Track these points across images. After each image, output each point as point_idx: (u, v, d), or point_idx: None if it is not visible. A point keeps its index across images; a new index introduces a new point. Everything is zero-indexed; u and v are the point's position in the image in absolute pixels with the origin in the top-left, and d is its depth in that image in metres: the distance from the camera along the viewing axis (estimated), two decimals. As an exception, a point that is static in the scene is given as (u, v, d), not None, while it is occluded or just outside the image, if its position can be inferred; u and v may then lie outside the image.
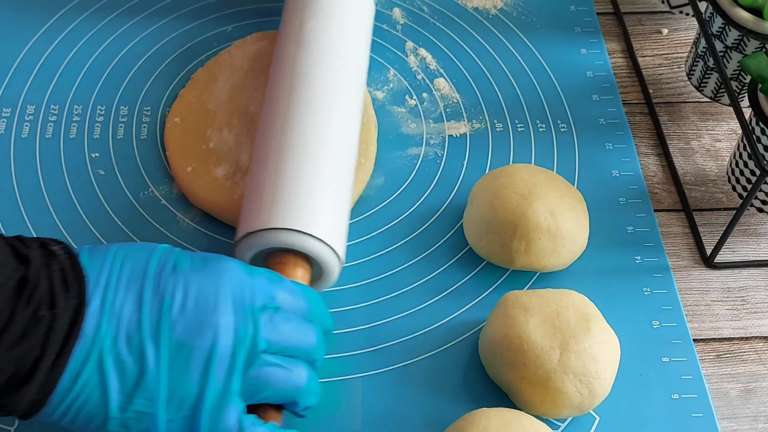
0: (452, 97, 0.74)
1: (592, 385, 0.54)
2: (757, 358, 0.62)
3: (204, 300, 0.48)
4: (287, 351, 0.50)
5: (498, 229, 0.61)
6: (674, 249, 0.66)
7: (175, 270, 0.48)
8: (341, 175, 0.60)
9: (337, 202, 0.58)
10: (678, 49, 0.79)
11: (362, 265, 0.64)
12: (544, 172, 0.63)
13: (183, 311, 0.47)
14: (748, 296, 0.64)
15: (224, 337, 0.47)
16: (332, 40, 0.65)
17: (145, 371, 0.46)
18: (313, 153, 0.59)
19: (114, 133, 0.70)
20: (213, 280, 0.49)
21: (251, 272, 0.50)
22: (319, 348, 0.52)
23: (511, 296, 0.58)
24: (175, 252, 0.50)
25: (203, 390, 0.47)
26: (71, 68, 0.73)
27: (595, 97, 0.74)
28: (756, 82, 0.63)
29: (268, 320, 0.49)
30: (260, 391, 0.49)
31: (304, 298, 0.52)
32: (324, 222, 0.56)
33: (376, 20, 0.78)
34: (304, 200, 0.57)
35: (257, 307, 0.49)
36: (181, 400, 0.47)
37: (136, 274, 0.48)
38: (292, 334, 0.50)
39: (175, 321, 0.47)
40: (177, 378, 0.46)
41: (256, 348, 0.48)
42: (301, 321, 0.51)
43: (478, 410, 0.53)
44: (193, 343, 0.47)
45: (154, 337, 0.47)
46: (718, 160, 0.72)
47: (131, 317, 0.47)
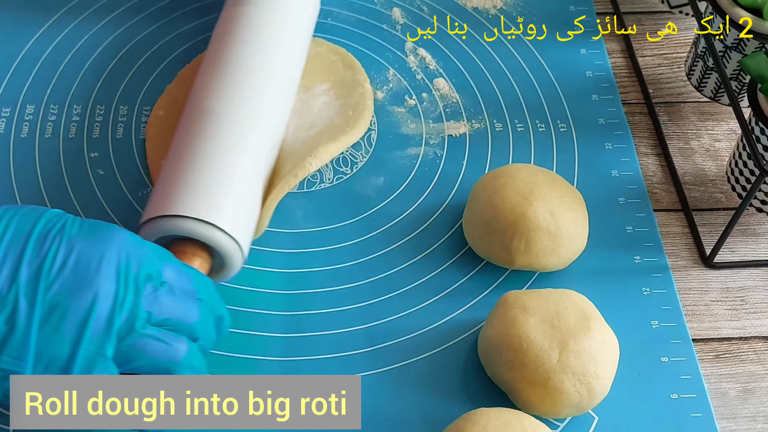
0: (452, 97, 0.74)
1: (592, 384, 0.54)
2: (756, 358, 0.62)
3: (86, 263, 0.47)
4: (169, 324, 0.50)
5: (498, 228, 0.61)
6: (673, 249, 0.66)
7: (60, 232, 0.48)
8: (252, 170, 0.59)
9: (244, 196, 0.58)
10: (678, 49, 0.79)
11: (362, 264, 0.64)
12: (543, 172, 0.63)
13: (62, 272, 0.47)
14: (748, 296, 0.64)
15: (103, 302, 0.47)
16: (261, 39, 0.65)
17: (15, 328, 0.46)
18: (225, 146, 0.59)
19: (113, 133, 0.70)
20: (99, 245, 0.48)
21: (141, 244, 0.50)
22: (203, 325, 0.51)
23: (511, 296, 0.58)
24: (65, 216, 0.50)
25: (74, 352, 0.47)
26: (71, 68, 0.73)
27: (595, 97, 0.74)
28: (755, 82, 0.63)
29: (151, 291, 0.49)
30: (134, 359, 0.49)
31: (192, 280, 0.52)
32: (226, 213, 0.56)
33: (375, 20, 0.78)
34: (207, 190, 0.56)
35: (141, 277, 0.49)
36: (51, 360, 0.46)
37: (21, 234, 0.48)
38: (174, 308, 0.50)
39: (52, 281, 0.47)
40: (48, 338, 0.46)
41: (134, 316, 0.48)
42: (186, 297, 0.51)
43: (478, 410, 0.53)
44: (69, 304, 0.47)
45: (29, 295, 0.46)
46: (717, 160, 0.72)
47: (9, 275, 0.46)
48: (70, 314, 0.47)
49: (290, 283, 0.63)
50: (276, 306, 0.61)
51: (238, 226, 0.57)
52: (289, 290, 0.62)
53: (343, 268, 0.63)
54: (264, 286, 0.62)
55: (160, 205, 0.56)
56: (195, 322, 0.51)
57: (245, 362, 0.59)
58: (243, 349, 0.59)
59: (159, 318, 0.49)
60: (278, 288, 0.62)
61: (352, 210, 0.66)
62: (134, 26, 0.76)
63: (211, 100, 0.61)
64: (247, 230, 0.58)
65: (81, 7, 0.77)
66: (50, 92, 0.72)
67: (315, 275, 0.63)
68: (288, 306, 0.61)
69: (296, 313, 0.61)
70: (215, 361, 0.58)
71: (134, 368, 0.49)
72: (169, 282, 0.50)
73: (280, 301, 0.62)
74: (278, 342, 0.60)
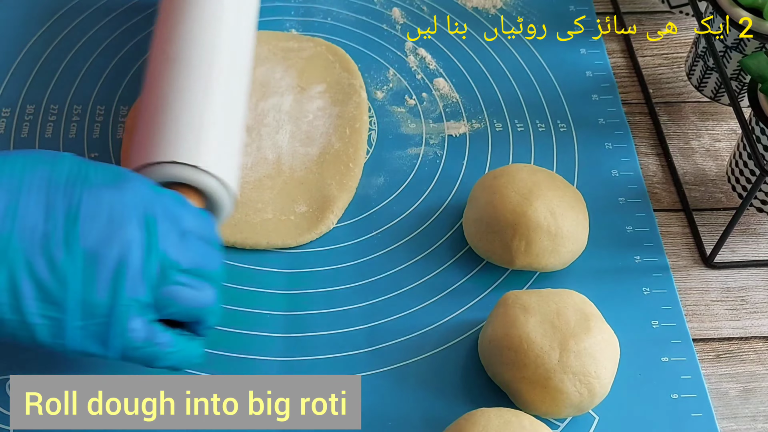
0: (452, 97, 0.74)
1: (592, 384, 0.54)
2: (756, 358, 0.62)
3: (116, 213, 0.48)
4: (195, 271, 0.51)
5: (498, 228, 0.61)
6: (674, 249, 0.66)
7: (86, 181, 0.49)
8: (229, 110, 0.59)
9: (225, 136, 0.58)
10: (678, 49, 0.79)
11: (362, 264, 0.64)
12: (543, 172, 0.63)
13: (94, 221, 0.48)
14: (748, 296, 0.64)
15: (135, 251, 0.48)
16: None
17: (58, 278, 0.47)
18: (199, 88, 0.58)
19: (113, 133, 0.70)
20: (124, 194, 0.49)
21: (159, 191, 0.51)
22: (221, 271, 0.53)
23: (511, 296, 0.58)
24: (83, 162, 0.50)
25: (113, 300, 0.48)
26: (71, 68, 0.73)
27: (595, 96, 0.74)
28: (756, 82, 0.63)
29: (178, 240, 0.50)
30: (168, 306, 0.50)
31: (210, 225, 0.53)
32: (211, 154, 0.56)
33: (375, 20, 0.78)
34: (188, 133, 0.56)
35: (166, 224, 0.50)
36: (92, 307, 0.47)
37: (43, 179, 0.48)
38: (199, 255, 0.51)
39: (86, 231, 0.47)
40: (88, 287, 0.47)
41: (165, 264, 0.49)
42: (207, 244, 0.52)
43: (478, 410, 0.53)
44: (104, 253, 0.47)
45: (66, 245, 0.47)
46: (717, 160, 0.72)
47: (41, 225, 0.47)
48: (106, 262, 0.48)
49: (290, 283, 0.62)
50: (276, 306, 0.61)
51: (223, 166, 0.56)
52: (290, 290, 0.62)
53: (343, 268, 0.63)
54: (264, 286, 0.62)
55: (144, 153, 0.56)
56: (216, 269, 0.52)
57: (245, 362, 0.59)
58: (243, 349, 0.59)
59: (187, 265, 0.50)
60: (278, 288, 0.62)
61: (351, 210, 0.66)
62: (134, 26, 0.76)
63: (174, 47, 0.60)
64: (232, 171, 0.58)
65: (81, 7, 0.77)
66: (50, 92, 0.72)
67: (315, 275, 0.63)
68: (288, 306, 0.61)
69: (296, 313, 0.61)
70: (215, 361, 0.58)
71: (170, 314, 0.51)
72: (190, 229, 0.51)
73: (280, 301, 0.62)
74: (278, 342, 0.60)
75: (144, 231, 0.49)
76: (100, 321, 0.48)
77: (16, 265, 0.46)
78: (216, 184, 0.56)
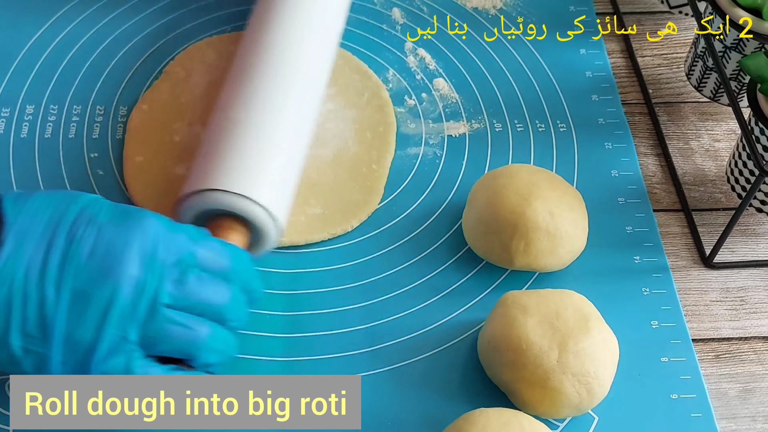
0: (451, 97, 0.74)
1: (591, 385, 0.54)
2: (756, 358, 0.62)
3: (112, 250, 0.49)
4: (195, 308, 0.51)
5: (497, 229, 0.61)
6: (673, 249, 0.66)
7: (92, 219, 0.50)
8: (291, 147, 0.60)
9: (283, 171, 0.59)
10: (677, 49, 0.79)
11: (361, 264, 0.64)
12: (543, 172, 0.63)
13: (89, 260, 0.48)
14: (747, 296, 0.64)
15: (125, 288, 0.48)
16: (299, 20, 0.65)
17: (45, 315, 0.48)
18: (264, 122, 0.59)
19: (113, 133, 0.70)
20: (126, 231, 0.49)
21: (172, 228, 0.51)
22: (232, 307, 0.52)
23: (510, 296, 0.58)
24: (99, 202, 0.51)
25: (98, 336, 0.48)
26: (70, 68, 0.73)
27: (595, 97, 0.74)
28: (755, 82, 0.63)
29: (177, 276, 0.50)
30: (158, 343, 0.50)
31: (228, 257, 0.53)
32: (264, 187, 0.57)
33: (375, 20, 0.78)
34: (244, 165, 0.57)
35: (168, 262, 0.50)
36: (76, 344, 0.48)
37: (54, 219, 0.49)
38: (202, 290, 0.51)
39: (79, 269, 0.48)
40: (74, 323, 0.48)
41: (157, 301, 0.49)
42: (216, 279, 0.52)
43: (477, 410, 0.53)
44: (93, 292, 0.48)
45: (57, 283, 0.48)
46: (717, 160, 0.72)
47: (40, 262, 0.48)
48: (94, 300, 0.48)
49: (290, 283, 0.63)
50: (276, 306, 0.61)
51: (275, 199, 0.57)
52: (290, 290, 0.62)
53: (343, 268, 0.63)
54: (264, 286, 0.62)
55: (198, 179, 0.57)
56: (224, 304, 0.52)
57: (245, 362, 0.59)
58: (243, 349, 0.59)
59: (185, 302, 0.50)
60: (278, 288, 0.62)
61: (352, 210, 0.66)
62: (134, 25, 0.76)
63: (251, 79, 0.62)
64: (284, 204, 0.59)
65: (81, 7, 0.77)
66: (50, 92, 0.72)
67: (315, 275, 0.63)
68: (288, 306, 0.61)
69: (296, 313, 0.61)
70: (215, 361, 0.58)
71: (160, 351, 0.51)
72: (201, 263, 0.51)
73: (280, 301, 0.62)
74: (279, 342, 0.60)
75: (142, 269, 0.49)
76: (80, 358, 0.49)
77: (13, 302, 0.48)
78: (263, 215, 0.56)
